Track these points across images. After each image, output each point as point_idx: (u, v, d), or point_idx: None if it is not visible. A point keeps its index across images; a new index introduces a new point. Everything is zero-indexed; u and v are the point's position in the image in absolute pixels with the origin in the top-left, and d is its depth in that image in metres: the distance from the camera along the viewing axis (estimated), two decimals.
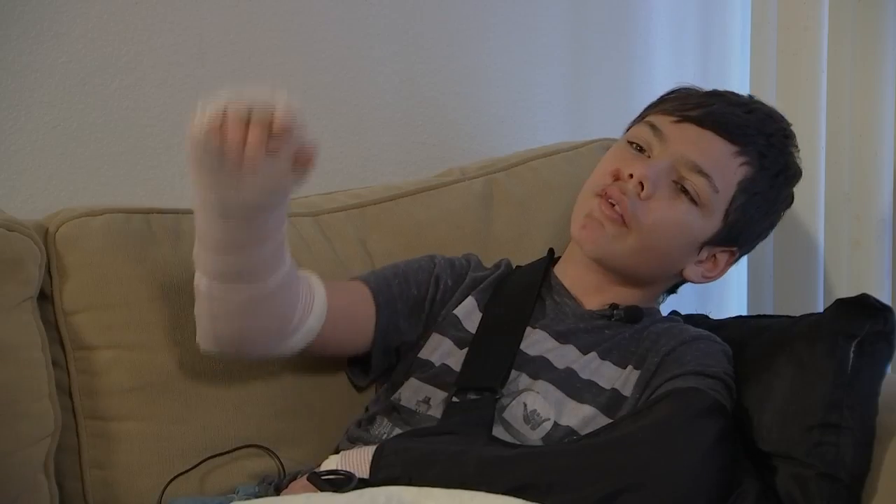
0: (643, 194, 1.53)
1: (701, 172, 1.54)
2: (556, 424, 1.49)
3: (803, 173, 1.66)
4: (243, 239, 1.36)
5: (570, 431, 1.49)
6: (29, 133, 1.68)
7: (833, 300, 1.50)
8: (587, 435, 1.45)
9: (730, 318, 1.76)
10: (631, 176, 1.54)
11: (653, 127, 1.58)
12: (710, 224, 1.57)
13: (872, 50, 2.10)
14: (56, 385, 1.52)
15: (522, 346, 1.56)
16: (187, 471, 1.51)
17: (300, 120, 1.25)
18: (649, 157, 1.57)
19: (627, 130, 1.66)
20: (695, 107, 1.58)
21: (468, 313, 1.61)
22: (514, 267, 1.70)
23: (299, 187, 1.33)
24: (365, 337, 1.59)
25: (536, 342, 1.57)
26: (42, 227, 1.55)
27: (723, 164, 1.55)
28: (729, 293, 2.33)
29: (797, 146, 1.64)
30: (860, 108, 2.12)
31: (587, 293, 1.61)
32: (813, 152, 2.12)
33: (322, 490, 1.32)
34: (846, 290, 2.12)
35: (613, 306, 1.59)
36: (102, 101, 1.73)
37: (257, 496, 1.45)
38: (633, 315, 1.58)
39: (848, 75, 2.12)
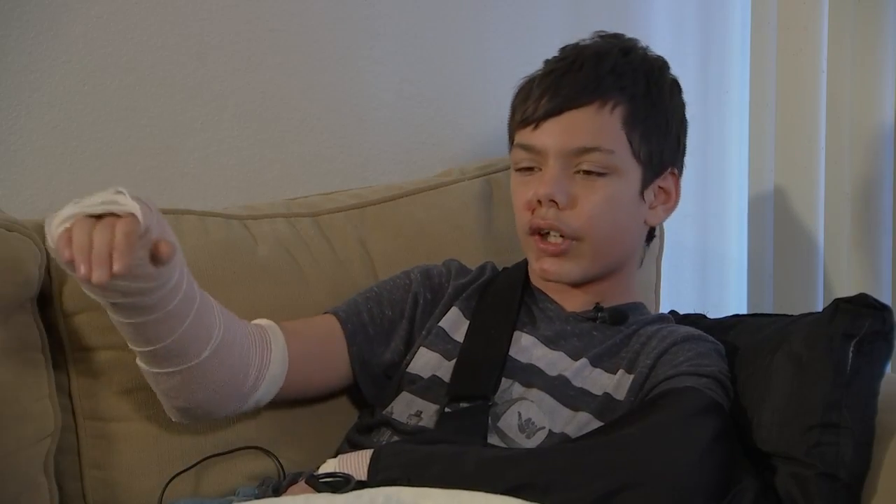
0: (561, 206, 1.53)
1: (587, 150, 1.53)
2: (550, 433, 1.49)
3: (803, 171, 1.66)
4: (149, 330, 1.36)
5: (566, 439, 1.48)
6: (29, 133, 1.68)
7: (833, 300, 1.50)
8: (585, 435, 1.45)
9: (728, 317, 1.75)
10: (539, 202, 1.54)
11: (523, 147, 1.57)
12: (631, 176, 1.56)
13: (872, 50, 2.10)
14: (56, 386, 1.52)
15: (512, 353, 1.56)
16: (186, 469, 1.52)
17: (149, 217, 1.25)
18: (541, 169, 1.56)
19: (509, 139, 1.63)
20: (538, 102, 1.56)
21: (454, 324, 1.61)
22: (499, 270, 1.69)
23: (165, 274, 1.32)
24: (342, 370, 1.59)
25: (526, 348, 1.57)
26: (42, 228, 1.55)
27: (598, 127, 1.54)
28: (728, 293, 2.33)
29: (639, 46, 1.62)
30: (860, 108, 2.12)
31: (567, 294, 1.61)
32: (813, 152, 2.12)
33: (320, 492, 1.32)
34: (846, 290, 2.12)
35: (598, 308, 1.59)
36: (102, 101, 1.74)
37: (256, 498, 1.45)
38: (618, 317, 1.58)
39: (848, 75, 2.12)
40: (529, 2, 2.11)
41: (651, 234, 1.68)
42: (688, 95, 1.66)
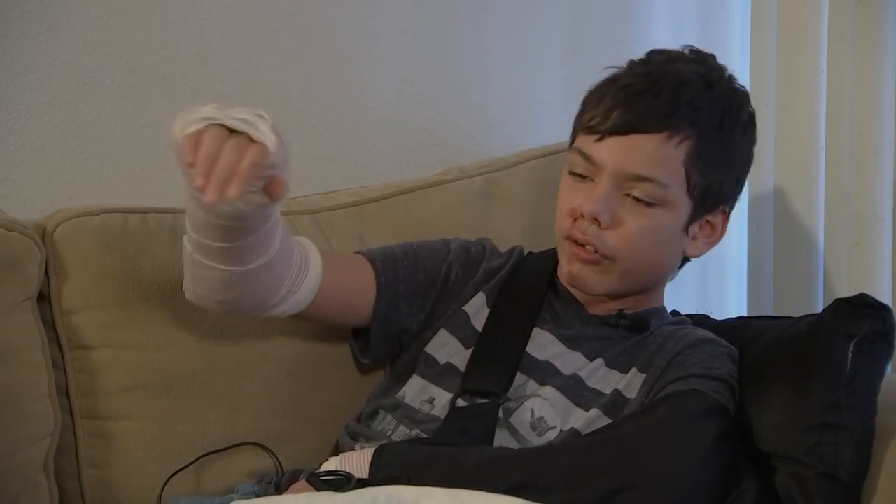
0: (602, 225, 1.52)
1: (642, 178, 1.51)
2: (561, 432, 1.49)
3: (803, 171, 1.65)
4: (221, 231, 1.34)
5: (575, 433, 1.49)
6: (29, 133, 1.68)
7: (833, 300, 1.50)
8: (587, 434, 1.46)
9: (730, 318, 1.76)
10: (583, 215, 1.53)
11: (582, 154, 1.55)
12: (681, 210, 1.54)
13: (872, 50, 2.10)
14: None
15: (529, 349, 1.56)
16: (184, 468, 1.52)
17: (279, 153, 1.22)
18: (594, 180, 1.54)
19: (572, 136, 1.61)
20: (608, 113, 1.53)
21: (477, 311, 1.61)
22: (525, 254, 1.68)
23: (266, 205, 1.30)
24: (362, 315, 1.58)
25: (543, 345, 1.57)
26: (41, 227, 1.55)
27: (659, 157, 1.51)
28: (729, 293, 2.33)
29: (725, 74, 1.58)
30: (860, 108, 2.12)
31: (592, 297, 1.60)
32: (813, 152, 2.12)
33: (321, 491, 1.32)
34: (846, 290, 2.11)
35: (620, 315, 1.58)
36: (102, 101, 1.74)
37: (257, 495, 1.45)
38: (640, 325, 1.57)
39: (848, 75, 2.12)
40: (529, 2, 2.11)
41: (686, 259, 1.64)
42: None
